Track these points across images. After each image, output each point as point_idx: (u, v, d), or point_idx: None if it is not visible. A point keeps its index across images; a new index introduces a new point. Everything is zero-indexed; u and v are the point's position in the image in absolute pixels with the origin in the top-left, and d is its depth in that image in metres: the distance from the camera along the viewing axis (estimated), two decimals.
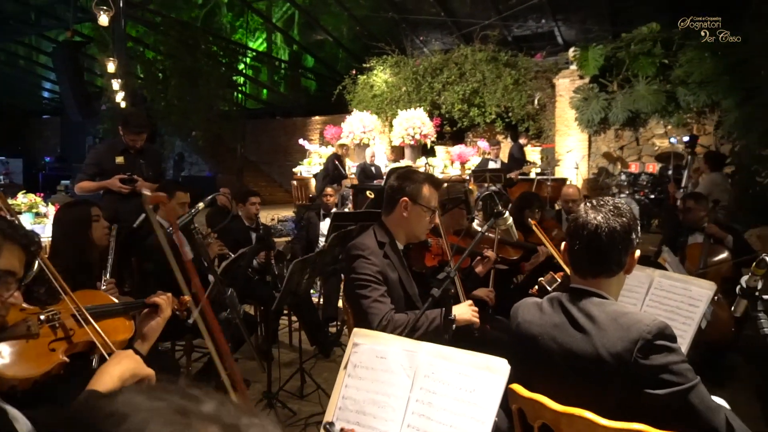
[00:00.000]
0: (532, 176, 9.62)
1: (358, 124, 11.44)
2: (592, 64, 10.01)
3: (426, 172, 4.88)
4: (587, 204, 1.64)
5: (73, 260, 2.62)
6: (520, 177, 9.50)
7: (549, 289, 2.41)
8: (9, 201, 3.79)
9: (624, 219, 1.58)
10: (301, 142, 12.32)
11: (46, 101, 21.50)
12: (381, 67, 12.82)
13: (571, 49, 10.66)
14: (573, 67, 10.62)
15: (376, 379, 1.57)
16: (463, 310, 2.34)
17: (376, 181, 9.17)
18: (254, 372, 3.82)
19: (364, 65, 13.10)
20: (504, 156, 10.31)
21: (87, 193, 4.25)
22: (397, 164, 10.22)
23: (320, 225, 5.65)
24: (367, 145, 11.00)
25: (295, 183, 10.63)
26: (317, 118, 15.68)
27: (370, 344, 1.63)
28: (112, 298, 2.08)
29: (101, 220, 2.86)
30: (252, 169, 16.69)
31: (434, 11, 11.96)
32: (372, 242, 2.39)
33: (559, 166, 10.57)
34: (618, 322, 1.50)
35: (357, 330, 1.70)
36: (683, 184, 6.62)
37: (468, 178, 9.77)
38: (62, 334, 1.65)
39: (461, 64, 11.87)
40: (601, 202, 1.62)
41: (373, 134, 11.59)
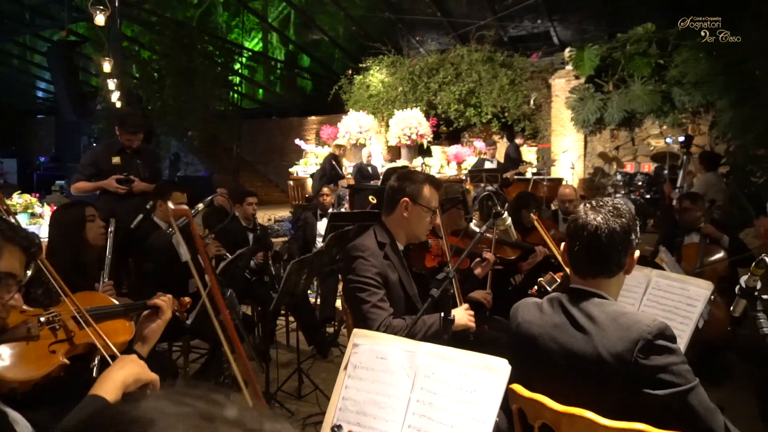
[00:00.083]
0: (529, 176, 9.64)
1: (355, 124, 11.44)
2: (587, 65, 10.05)
3: (426, 173, 4.87)
4: (587, 205, 1.65)
5: (69, 261, 2.61)
6: (516, 177, 9.50)
7: (548, 289, 2.41)
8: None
9: (624, 220, 1.58)
10: (298, 142, 12.28)
11: (40, 101, 21.40)
12: (377, 67, 12.81)
13: (567, 50, 10.70)
14: (569, 67, 10.66)
15: (377, 380, 1.57)
16: (459, 315, 2.31)
17: (372, 182, 9.18)
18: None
19: (360, 65, 13.09)
20: (500, 156, 10.32)
21: (83, 193, 4.25)
22: (393, 164, 10.23)
23: (317, 225, 5.64)
24: (364, 145, 11.02)
25: (291, 183, 10.60)
26: (313, 118, 15.66)
27: (370, 345, 1.62)
28: (112, 299, 2.08)
29: (96, 220, 2.84)
30: (248, 169, 16.64)
31: (430, 11, 11.95)
32: (372, 243, 2.39)
33: (555, 166, 10.59)
34: (618, 323, 1.50)
35: (357, 330, 1.69)
36: (678, 184, 6.64)
37: (464, 178, 9.79)
38: (63, 336, 1.64)
39: (457, 64, 11.88)
40: (601, 203, 1.63)
41: (370, 134, 11.60)
